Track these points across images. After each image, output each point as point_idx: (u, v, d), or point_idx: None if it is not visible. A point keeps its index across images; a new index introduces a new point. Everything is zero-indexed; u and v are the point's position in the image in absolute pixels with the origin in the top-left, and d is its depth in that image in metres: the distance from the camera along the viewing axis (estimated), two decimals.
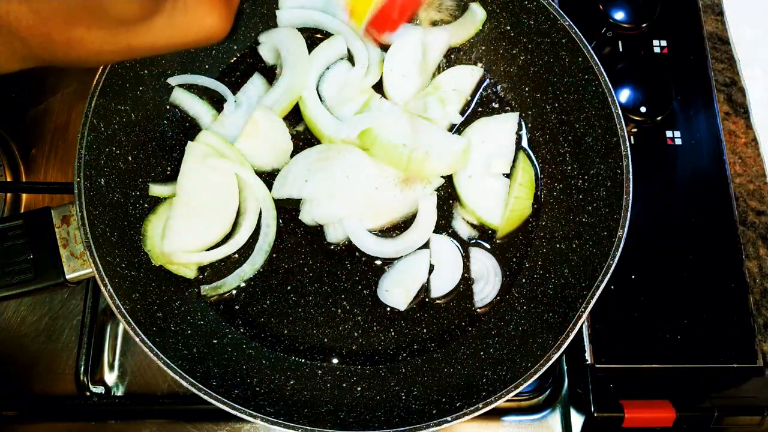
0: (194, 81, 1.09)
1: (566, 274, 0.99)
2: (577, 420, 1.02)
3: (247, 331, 1.00)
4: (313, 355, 1.00)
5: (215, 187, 1.00)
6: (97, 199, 0.93)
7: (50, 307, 1.11)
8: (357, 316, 1.02)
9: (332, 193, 1.00)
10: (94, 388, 1.04)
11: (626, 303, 1.06)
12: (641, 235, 1.10)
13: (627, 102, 1.16)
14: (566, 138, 1.08)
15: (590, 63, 1.01)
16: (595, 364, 1.02)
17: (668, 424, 0.96)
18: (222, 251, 1.01)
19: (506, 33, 1.12)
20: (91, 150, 0.94)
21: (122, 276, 0.92)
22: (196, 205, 0.99)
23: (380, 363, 1.00)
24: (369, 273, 1.04)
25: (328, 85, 1.12)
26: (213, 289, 1.01)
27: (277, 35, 1.13)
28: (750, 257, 1.20)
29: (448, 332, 1.02)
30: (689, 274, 1.08)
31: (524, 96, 1.13)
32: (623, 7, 1.22)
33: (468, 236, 1.07)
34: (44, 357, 1.08)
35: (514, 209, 1.05)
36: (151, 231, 0.99)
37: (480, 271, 1.05)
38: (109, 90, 0.96)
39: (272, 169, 1.08)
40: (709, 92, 1.22)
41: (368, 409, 0.92)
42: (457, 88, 1.12)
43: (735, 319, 1.06)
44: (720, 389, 1.02)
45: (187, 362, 0.88)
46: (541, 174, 1.11)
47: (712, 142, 1.18)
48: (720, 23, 1.37)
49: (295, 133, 1.11)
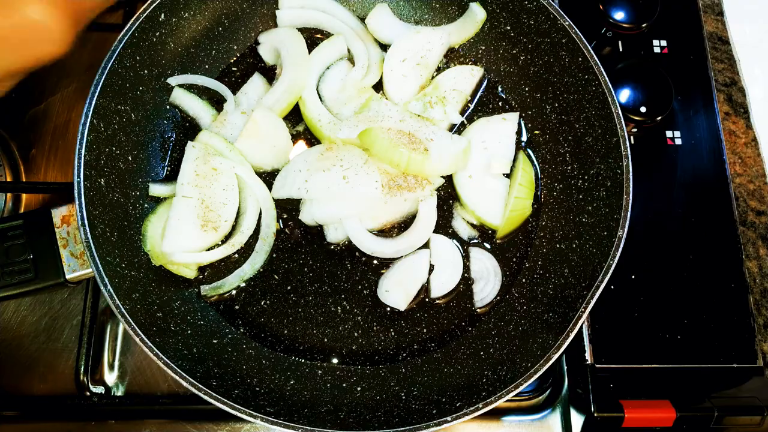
0: (194, 81, 1.09)
1: (566, 274, 0.99)
2: (577, 420, 1.02)
3: (247, 331, 1.00)
4: (313, 355, 1.00)
5: (215, 187, 1.00)
6: (97, 199, 0.93)
7: (50, 307, 1.11)
8: (357, 316, 1.02)
9: (332, 193, 1.00)
10: (94, 388, 1.04)
11: (626, 303, 1.06)
12: (641, 235, 1.10)
13: (627, 102, 1.16)
14: (566, 138, 1.08)
15: (590, 63, 1.01)
16: (595, 364, 1.02)
17: (668, 424, 0.96)
18: (222, 251, 1.01)
19: (506, 33, 1.12)
20: (91, 150, 0.94)
21: (122, 276, 0.92)
22: (196, 205, 0.99)
23: (380, 363, 1.00)
24: (369, 273, 1.04)
25: (328, 85, 1.12)
26: (213, 289, 1.01)
27: (277, 35, 1.13)
28: (750, 257, 1.20)
29: (448, 332, 1.02)
30: (689, 274, 1.08)
31: (524, 96, 1.13)
32: (623, 7, 1.22)
33: (468, 236, 1.07)
34: (44, 357, 1.08)
35: (514, 209, 1.05)
36: (151, 231, 0.99)
37: (480, 271, 1.05)
38: (109, 90, 0.96)
39: (272, 169, 1.08)
40: (709, 92, 1.22)
41: (368, 409, 0.92)
42: (457, 88, 1.12)
43: (735, 319, 1.06)
44: (720, 389, 1.02)
45: (187, 362, 0.88)
46: (541, 174, 1.11)
47: (712, 142, 1.18)
48: (720, 23, 1.37)
49: (295, 133, 1.11)
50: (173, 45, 1.07)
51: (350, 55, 1.14)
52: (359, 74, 1.11)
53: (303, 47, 1.10)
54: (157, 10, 1.01)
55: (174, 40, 1.06)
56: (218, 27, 1.11)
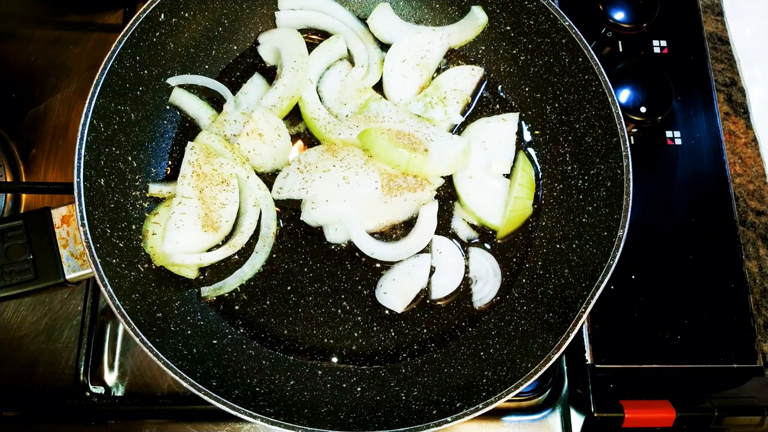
0: (194, 81, 1.09)
1: (566, 274, 0.99)
2: (577, 420, 1.02)
3: (247, 331, 1.00)
4: (313, 355, 1.00)
5: (215, 187, 1.00)
6: (97, 199, 0.93)
7: (50, 307, 1.11)
8: (357, 316, 1.02)
9: (332, 193, 1.00)
10: (94, 388, 1.04)
11: (626, 303, 1.06)
12: (641, 235, 1.10)
13: (627, 102, 1.16)
14: (566, 138, 1.08)
15: (590, 63, 1.01)
16: (595, 364, 1.02)
17: (668, 424, 0.96)
18: (222, 252, 1.01)
19: (506, 33, 1.12)
20: (91, 150, 0.94)
21: (122, 276, 0.92)
22: (196, 206, 0.99)
23: (380, 363, 1.00)
24: (369, 273, 1.04)
25: (328, 85, 1.12)
26: (214, 290, 1.01)
27: (277, 35, 1.13)
28: (750, 257, 1.20)
29: (448, 332, 1.02)
30: (689, 274, 1.08)
31: (524, 96, 1.13)
32: (623, 7, 1.22)
33: (468, 237, 1.07)
34: (44, 357, 1.08)
35: (514, 209, 1.05)
36: (151, 231, 0.99)
37: (480, 271, 1.05)
38: (109, 90, 0.96)
39: (272, 169, 1.08)
40: (709, 92, 1.22)
41: (368, 409, 0.92)
42: (457, 89, 1.12)
43: (735, 319, 1.06)
44: (720, 389, 1.02)
45: (187, 362, 0.88)
46: (541, 174, 1.11)
47: (712, 142, 1.18)
48: (720, 23, 1.37)
49: (295, 133, 1.11)
50: (173, 45, 1.07)
51: (350, 56, 1.14)
52: (359, 74, 1.11)
53: (303, 47, 1.10)
54: (157, 10, 1.01)
55: (174, 40, 1.06)
56: (218, 27, 1.11)
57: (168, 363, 0.85)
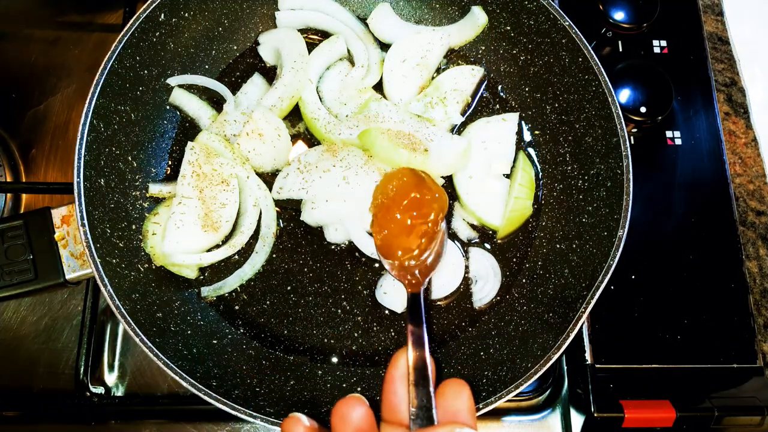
0: (194, 81, 1.09)
1: (566, 274, 0.99)
2: (577, 420, 1.02)
3: (247, 331, 1.00)
4: (313, 355, 1.00)
5: (215, 187, 1.00)
6: (97, 199, 0.93)
7: (50, 307, 1.11)
8: (357, 316, 1.02)
9: (332, 193, 1.00)
10: (94, 388, 1.04)
11: (626, 303, 1.06)
12: (641, 235, 1.10)
13: (627, 102, 1.16)
14: (566, 138, 1.08)
15: (590, 63, 1.01)
16: (595, 364, 1.02)
17: (668, 424, 0.96)
18: (222, 252, 1.01)
19: (506, 33, 1.12)
20: (91, 150, 0.94)
21: (122, 276, 0.92)
22: (196, 206, 0.99)
23: (380, 363, 1.00)
24: (369, 273, 1.04)
25: (328, 85, 1.12)
26: (214, 290, 1.01)
27: (277, 35, 1.13)
28: (750, 257, 1.20)
29: (448, 332, 1.02)
30: (689, 274, 1.08)
31: (524, 96, 1.13)
32: (623, 7, 1.22)
33: (468, 237, 1.07)
34: (44, 357, 1.08)
35: (514, 210, 1.05)
36: (151, 231, 0.99)
37: (480, 271, 1.05)
38: (109, 90, 0.96)
39: (272, 169, 1.08)
40: (709, 92, 1.22)
41: None
42: (457, 89, 1.12)
43: (735, 319, 1.06)
44: (720, 389, 1.02)
45: (187, 362, 0.88)
46: (541, 174, 1.11)
47: (712, 142, 1.18)
48: (720, 23, 1.37)
49: (295, 133, 1.11)
50: (173, 45, 1.07)
51: (350, 56, 1.14)
52: (359, 74, 1.11)
53: (303, 48, 1.10)
54: (157, 10, 1.01)
55: (174, 40, 1.06)
56: (218, 27, 1.11)
57: (168, 363, 0.85)
